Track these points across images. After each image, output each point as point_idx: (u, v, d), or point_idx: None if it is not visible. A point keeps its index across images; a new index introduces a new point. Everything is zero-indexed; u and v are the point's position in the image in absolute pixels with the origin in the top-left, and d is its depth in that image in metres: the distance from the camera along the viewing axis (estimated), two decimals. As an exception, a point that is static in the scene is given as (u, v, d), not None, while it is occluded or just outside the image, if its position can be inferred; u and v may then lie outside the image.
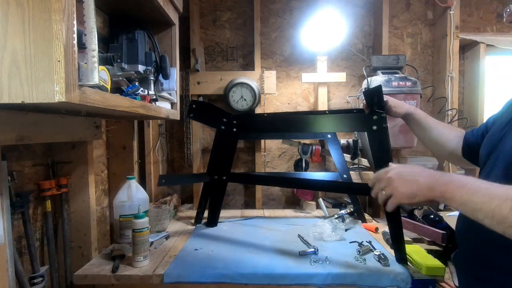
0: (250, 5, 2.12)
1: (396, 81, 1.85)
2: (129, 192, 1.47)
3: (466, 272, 0.88)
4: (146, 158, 1.88)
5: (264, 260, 1.24)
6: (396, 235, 1.20)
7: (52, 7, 0.60)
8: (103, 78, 0.86)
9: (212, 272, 1.14)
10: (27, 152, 1.11)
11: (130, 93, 1.07)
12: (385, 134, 1.18)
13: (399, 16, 2.20)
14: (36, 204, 1.15)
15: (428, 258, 1.19)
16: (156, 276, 1.14)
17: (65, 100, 0.61)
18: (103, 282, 1.16)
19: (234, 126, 1.49)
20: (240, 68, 2.19)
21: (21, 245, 1.06)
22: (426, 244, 1.58)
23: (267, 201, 2.24)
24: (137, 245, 1.20)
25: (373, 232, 1.58)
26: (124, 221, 1.44)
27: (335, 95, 2.22)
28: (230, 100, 2.03)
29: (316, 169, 2.19)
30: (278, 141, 2.20)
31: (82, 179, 1.29)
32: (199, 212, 1.73)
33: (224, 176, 1.55)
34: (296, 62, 2.21)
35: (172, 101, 1.47)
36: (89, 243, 1.30)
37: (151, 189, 1.89)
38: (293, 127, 1.50)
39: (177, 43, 1.45)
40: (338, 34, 1.97)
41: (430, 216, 1.64)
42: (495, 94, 2.15)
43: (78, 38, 0.66)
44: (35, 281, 1.06)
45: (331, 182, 1.76)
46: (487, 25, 2.18)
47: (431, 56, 2.22)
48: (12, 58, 0.61)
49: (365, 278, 1.13)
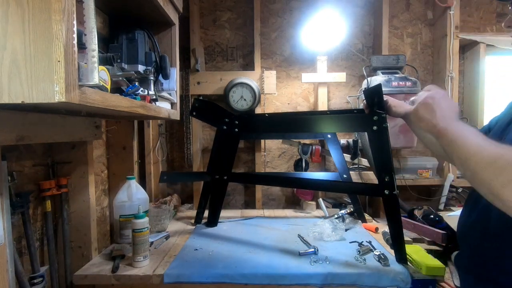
0: (250, 5, 2.12)
1: (396, 81, 1.85)
2: (129, 192, 1.47)
3: (468, 272, 0.88)
4: (146, 158, 1.88)
5: (264, 260, 1.24)
6: (396, 235, 1.20)
7: (52, 7, 0.60)
8: (103, 78, 0.86)
9: (212, 272, 1.15)
10: (27, 152, 1.11)
11: (130, 93, 1.08)
12: (385, 134, 1.18)
13: (399, 16, 2.20)
14: (36, 204, 1.15)
15: (428, 258, 1.19)
16: (156, 276, 1.14)
17: (65, 100, 0.61)
18: (103, 282, 1.16)
19: (236, 126, 1.48)
20: (240, 68, 2.19)
21: (21, 245, 1.06)
22: (426, 244, 1.58)
23: (267, 201, 2.24)
24: (137, 245, 1.20)
25: (373, 232, 1.58)
26: (124, 221, 1.44)
27: (335, 95, 2.22)
28: (230, 100, 2.03)
29: (316, 169, 2.19)
30: (278, 141, 2.20)
31: (82, 179, 1.29)
32: (199, 212, 1.74)
33: (224, 176, 1.55)
34: (296, 62, 2.21)
35: (172, 101, 1.47)
36: (89, 243, 1.30)
37: (151, 189, 1.90)
38: (294, 127, 1.50)
39: (177, 43, 1.45)
40: (338, 34, 1.97)
41: (430, 216, 1.64)
42: (495, 94, 2.15)
43: (78, 38, 0.66)
44: (35, 281, 1.06)
45: (331, 182, 1.76)
46: (487, 25, 2.18)
47: (431, 56, 2.22)
48: (12, 58, 0.61)
49: (365, 278, 1.13)
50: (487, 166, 0.65)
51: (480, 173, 0.66)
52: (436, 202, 2.05)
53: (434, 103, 0.83)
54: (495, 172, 0.63)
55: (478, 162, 0.66)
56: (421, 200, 2.11)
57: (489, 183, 0.64)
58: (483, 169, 0.65)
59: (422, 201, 2.09)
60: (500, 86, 2.16)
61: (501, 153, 0.64)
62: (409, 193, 2.04)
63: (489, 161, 0.65)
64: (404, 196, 2.03)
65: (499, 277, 0.77)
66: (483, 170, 0.65)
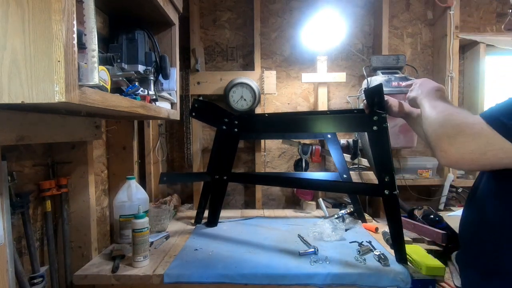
0: (250, 5, 2.12)
1: (396, 81, 1.85)
2: (129, 192, 1.47)
3: (469, 268, 0.88)
4: (146, 158, 1.88)
5: (264, 260, 1.24)
6: (396, 235, 1.20)
7: (52, 7, 0.60)
8: (103, 78, 0.86)
9: (212, 272, 1.15)
10: (27, 152, 1.11)
11: (130, 93, 1.08)
12: (385, 134, 1.18)
13: (399, 16, 2.20)
14: (36, 204, 1.15)
15: (428, 258, 1.19)
16: (156, 276, 1.14)
17: (65, 100, 0.61)
18: (103, 282, 1.16)
19: (235, 126, 1.49)
20: (240, 68, 2.19)
21: (21, 245, 1.06)
22: (426, 244, 1.58)
23: (267, 201, 2.24)
24: (137, 245, 1.20)
25: (373, 232, 1.58)
26: (124, 221, 1.44)
27: (335, 95, 2.22)
28: (230, 100, 2.03)
29: (316, 169, 2.19)
30: (278, 141, 2.20)
31: (82, 179, 1.29)
32: (199, 212, 1.74)
33: (224, 176, 1.55)
34: (296, 62, 2.21)
35: (172, 101, 1.47)
36: (89, 243, 1.30)
37: (151, 189, 1.90)
38: (294, 127, 1.50)
39: (177, 43, 1.45)
40: (338, 34, 1.97)
41: (430, 216, 1.64)
42: (495, 94, 2.15)
43: (78, 38, 0.66)
44: (35, 281, 1.06)
45: (331, 182, 1.76)
46: (487, 25, 2.18)
47: (431, 56, 2.22)
48: (12, 58, 0.61)
49: (365, 278, 1.13)
50: (434, 120, 0.81)
51: (428, 129, 0.83)
52: (436, 202, 2.05)
53: (421, 84, 1.04)
54: (437, 123, 0.79)
55: (430, 118, 0.84)
56: (421, 200, 2.11)
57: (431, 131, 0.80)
58: (430, 124, 0.82)
59: (422, 201, 2.09)
60: (500, 86, 2.16)
61: (448, 110, 0.80)
62: (409, 193, 2.04)
63: (436, 116, 0.81)
64: (404, 196, 2.03)
65: (500, 269, 0.77)
66: (431, 123, 0.82)
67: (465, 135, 0.71)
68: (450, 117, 0.77)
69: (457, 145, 0.72)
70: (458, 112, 0.79)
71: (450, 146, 0.73)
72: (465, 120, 0.74)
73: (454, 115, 0.77)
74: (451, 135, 0.73)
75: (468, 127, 0.72)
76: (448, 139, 0.73)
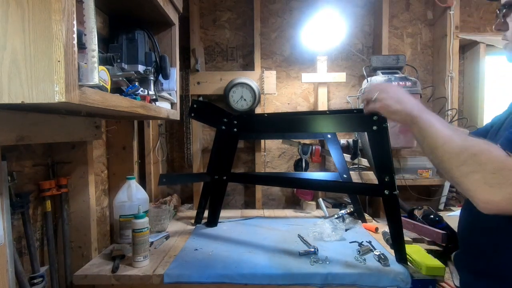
0: (250, 5, 2.12)
1: (396, 81, 1.85)
2: (129, 192, 1.47)
3: (467, 270, 0.88)
4: (146, 158, 1.88)
5: (264, 260, 1.24)
6: (396, 235, 1.20)
7: (52, 7, 0.60)
8: (103, 78, 0.86)
9: (212, 272, 1.14)
10: (27, 152, 1.10)
11: (130, 93, 1.07)
12: (385, 134, 1.18)
13: (399, 16, 2.20)
14: (36, 204, 1.15)
15: (428, 258, 1.19)
16: (156, 276, 1.14)
17: (65, 100, 0.61)
18: (103, 282, 1.16)
19: (234, 126, 1.49)
20: (240, 68, 2.19)
21: (21, 245, 1.06)
22: (426, 244, 1.58)
23: (267, 201, 2.24)
24: (137, 245, 1.20)
25: (373, 232, 1.58)
26: (124, 221, 1.44)
27: (335, 95, 2.23)
28: (230, 100, 2.03)
29: (316, 169, 2.19)
30: (278, 141, 2.20)
31: (82, 179, 1.28)
32: (199, 212, 1.73)
33: (224, 176, 1.55)
34: (296, 62, 2.21)
35: (172, 101, 1.47)
36: (89, 243, 1.30)
37: (151, 189, 1.90)
38: (293, 127, 1.50)
39: (177, 43, 1.45)
40: (338, 34, 1.97)
41: (430, 216, 1.64)
42: (495, 94, 2.15)
43: (78, 38, 0.66)
44: (35, 281, 1.06)
45: (331, 182, 1.76)
46: (487, 25, 2.18)
47: (431, 56, 2.22)
48: (12, 58, 0.61)
49: (365, 278, 1.13)
50: (453, 157, 0.73)
51: (446, 162, 0.74)
52: (436, 202, 2.06)
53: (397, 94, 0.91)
54: (459, 163, 0.71)
55: (445, 152, 0.74)
56: (421, 200, 2.11)
57: (453, 172, 0.73)
58: (449, 159, 0.74)
59: (422, 201, 2.09)
60: (500, 86, 2.16)
61: (465, 146, 0.72)
62: (409, 193, 2.04)
63: (455, 153, 0.72)
64: (404, 196, 2.03)
65: (498, 272, 0.78)
66: (449, 160, 0.73)
67: (507, 184, 0.65)
68: (478, 158, 0.69)
69: (502, 194, 0.66)
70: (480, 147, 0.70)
71: (494, 196, 0.66)
72: (497, 159, 0.67)
73: (479, 155, 0.69)
74: (493, 184, 0.67)
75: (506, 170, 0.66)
76: (490, 189, 0.67)
